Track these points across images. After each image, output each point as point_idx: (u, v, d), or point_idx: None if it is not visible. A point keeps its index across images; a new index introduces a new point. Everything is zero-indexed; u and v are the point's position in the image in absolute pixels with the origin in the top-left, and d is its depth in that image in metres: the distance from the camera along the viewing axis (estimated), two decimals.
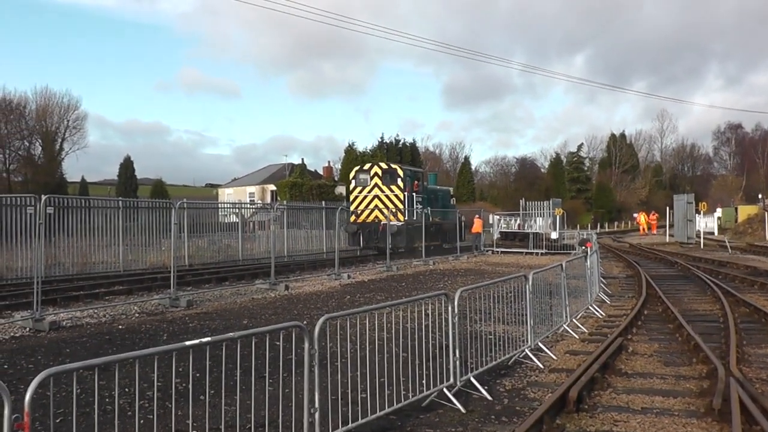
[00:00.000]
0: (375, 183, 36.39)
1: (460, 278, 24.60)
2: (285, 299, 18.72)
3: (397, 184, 35.82)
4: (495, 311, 10.93)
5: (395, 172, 36.29)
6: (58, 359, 10.93)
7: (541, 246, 39.70)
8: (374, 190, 36.33)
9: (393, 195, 35.70)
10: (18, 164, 66.98)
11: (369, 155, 75.02)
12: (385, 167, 36.74)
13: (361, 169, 37.96)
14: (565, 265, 13.85)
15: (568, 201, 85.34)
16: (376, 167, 36.89)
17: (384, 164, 37.24)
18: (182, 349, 5.55)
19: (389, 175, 36.23)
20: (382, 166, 36.96)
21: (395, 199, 35.59)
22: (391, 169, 36.53)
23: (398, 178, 35.96)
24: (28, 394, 4.40)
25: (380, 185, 36.17)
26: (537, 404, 8.26)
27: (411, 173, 37.57)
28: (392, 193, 35.73)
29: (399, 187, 35.71)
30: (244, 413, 6.65)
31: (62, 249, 24.90)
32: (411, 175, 37.22)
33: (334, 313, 7.09)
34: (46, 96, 71.11)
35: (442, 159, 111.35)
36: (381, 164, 37.29)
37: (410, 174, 37.20)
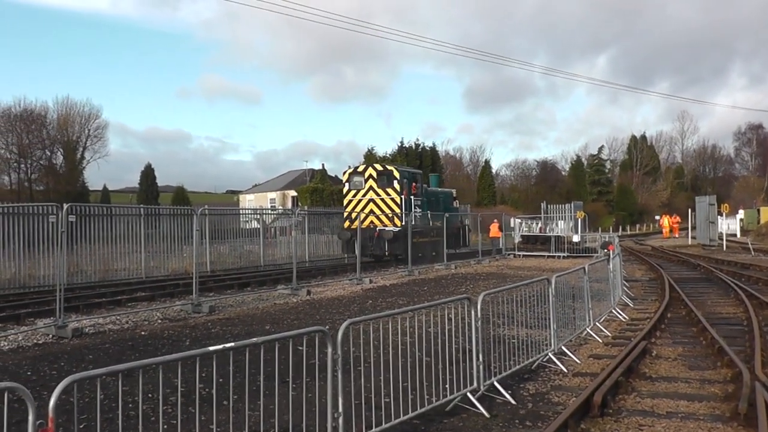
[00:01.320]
0: (370, 186, 34.06)
1: (482, 282, 24.53)
2: (307, 304, 18.75)
3: (393, 186, 33.56)
4: (517, 315, 10.87)
5: (391, 173, 33.90)
6: (81, 366, 10.96)
7: (563, 249, 39.56)
8: (369, 193, 34.03)
9: (389, 198, 33.45)
10: (39, 173, 67.46)
11: (389, 160, 74.98)
12: (380, 169, 34.30)
13: (355, 170, 35.38)
14: (588, 269, 13.77)
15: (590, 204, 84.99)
16: (371, 169, 34.55)
17: (379, 165, 34.80)
18: (206, 354, 5.55)
19: (385, 177, 33.90)
20: (377, 167, 34.52)
21: (391, 202, 33.35)
22: (387, 171, 34.11)
23: (394, 180, 33.63)
24: (52, 399, 4.41)
25: (375, 188, 33.89)
26: (561, 408, 8.21)
27: (408, 175, 35.13)
28: (388, 197, 33.51)
29: (395, 189, 33.46)
30: (267, 418, 6.64)
31: (84, 257, 25.03)
32: (408, 177, 34.79)
33: (357, 317, 7.06)
34: (67, 106, 71.71)
35: (463, 163, 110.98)
36: (376, 165, 34.89)
37: (407, 176, 34.82)
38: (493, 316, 10.98)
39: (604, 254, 24.86)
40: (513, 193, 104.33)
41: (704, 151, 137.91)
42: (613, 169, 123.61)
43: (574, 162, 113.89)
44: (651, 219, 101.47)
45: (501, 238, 42.37)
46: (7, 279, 22.46)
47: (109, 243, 26.11)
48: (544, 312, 11.26)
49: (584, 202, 59.44)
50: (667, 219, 69.65)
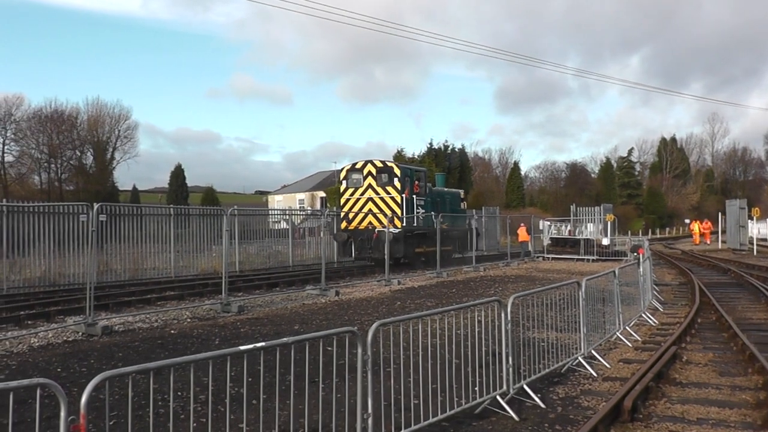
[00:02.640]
0: (369, 184, 31.95)
1: (511, 285, 24.42)
2: (335, 305, 18.75)
3: (393, 184, 31.47)
4: (547, 318, 10.80)
5: (391, 170, 31.74)
6: (111, 363, 11.03)
7: (592, 252, 39.26)
8: (368, 191, 31.91)
9: (389, 197, 31.37)
10: (70, 173, 68.20)
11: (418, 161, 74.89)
12: (379, 165, 31.96)
13: (353, 167, 33.00)
14: (618, 272, 13.65)
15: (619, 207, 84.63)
16: (370, 165, 32.10)
17: (379, 162, 32.26)
18: (236, 353, 5.56)
19: (385, 175, 31.80)
20: (377, 164, 32.08)
21: (391, 202, 31.27)
22: (387, 168, 31.88)
23: (395, 177, 31.51)
24: (84, 396, 4.44)
25: (374, 186, 31.75)
26: (591, 413, 8.13)
27: (410, 172, 32.79)
28: (388, 196, 31.41)
29: (396, 188, 31.37)
30: (296, 417, 6.64)
31: (114, 256, 25.26)
32: (410, 175, 32.53)
33: (386, 318, 7.05)
34: (98, 107, 72.53)
35: (491, 164, 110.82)
36: (375, 162, 32.26)
37: (409, 173, 32.56)
38: (523, 318, 10.92)
39: (633, 258, 24.68)
40: (542, 196, 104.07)
41: (734, 153, 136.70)
42: (642, 171, 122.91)
43: (603, 164, 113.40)
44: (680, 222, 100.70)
45: (530, 241, 42.18)
46: (38, 277, 22.71)
47: (138, 242, 26.35)
48: (574, 315, 11.17)
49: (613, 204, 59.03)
50: (697, 224, 68.83)
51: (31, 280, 22.54)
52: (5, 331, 14.42)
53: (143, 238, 26.58)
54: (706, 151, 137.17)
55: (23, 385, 4.55)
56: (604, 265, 30.92)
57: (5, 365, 11.10)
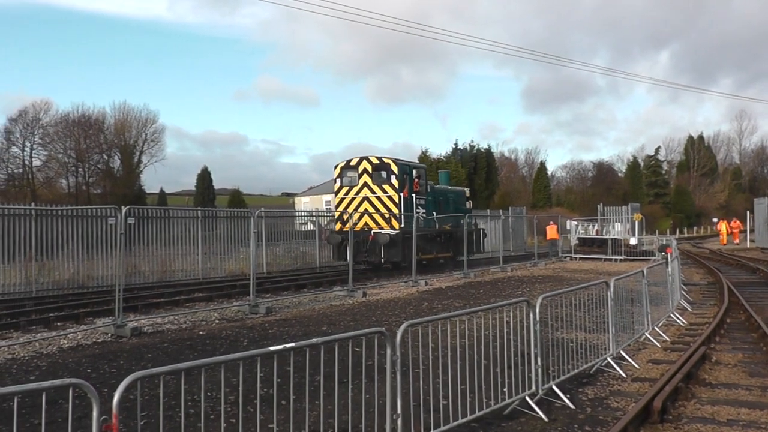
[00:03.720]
0: (364, 182, 29.82)
1: (539, 285, 24.34)
2: (363, 306, 18.78)
3: (390, 182, 29.24)
4: (575, 318, 10.75)
5: (388, 167, 29.52)
6: (140, 364, 11.11)
7: (620, 252, 39.02)
8: (363, 190, 29.78)
9: (386, 196, 29.20)
10: (97, 177, 68.75)
11: (443, 162, 74.77)
12: (375, 162, 29.76)
13: (348, 164, 30.70)
14: (646, 272, 13.57)
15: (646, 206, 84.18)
16: (365, 162, 29.91)
17: (375, 158, 29.91)
18: (266, 354, 5.58)
19: (381, 172, 29.79)
20: (373, 160, 29.81)
21: (388, 201, 29.10)
22: (383, 164, 29.69)
23: (392, 175, 29.26)
24: (116, 396, 4.47)
25: (370, 184, 29.67)
26: (620, 414, 8.09)
27: (409, 169, 30.31)
28: (385, 194, 29.23)
29: (393, 186, 29.14)
30: (326, 418, 6.65)
31: (142, 258, 25.46)
32: (409, 172, 30.18)
33: (414, 319, 7.05)
34: (125, 111, 73.19)
35: (518, 164, 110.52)
36: (371, 158, 29.93)
37: (408, 170, 30.16)
38: (551, 319, 10.88)
39: (661, 257, 24.52)
40: (569, 195, 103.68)
41: (762, 151, 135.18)
42: (669, 170, 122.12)
43: (630, 163, 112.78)
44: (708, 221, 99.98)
45: (559, 239, 42.03)
46: (67, 279, 22.96)
47: (166, 245, 26.53)
48: (602, 316, 11.12)
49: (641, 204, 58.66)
50: (724, 224, 67.98)
51: (60, 282, 22.77)
52: (35, 333, 14.58)
53: (171, 241, 26.78)
54: (733, 148, 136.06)
55: (56, 386, 4.60)
56: (631, 265, 30.76)
57: (35, 366, 11.22)
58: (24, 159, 65.18)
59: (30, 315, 16.57)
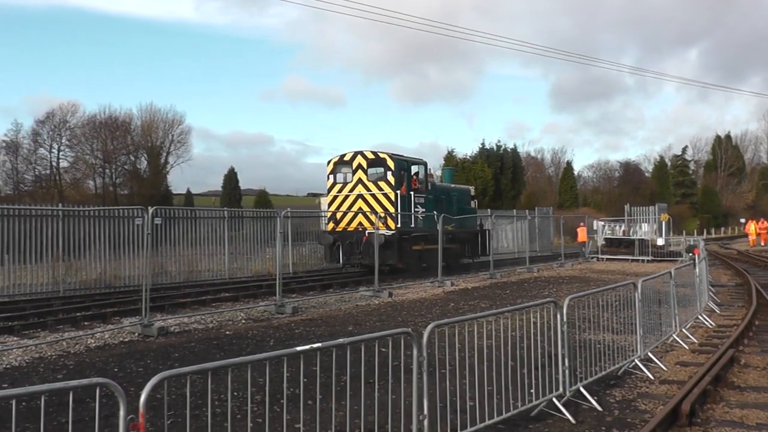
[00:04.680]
0: (358, 178, 27.90)
1: (565, 286, 24.23)
2: (389, 306, 18.77)
3: (386, 179, 27.25)
4: (602, 320, 10.69)
5: (384, 162, 27.47)
6: (167, 363, 11.17)
7: (647, 253, 38.74)
8: (357, 187, 27.85)
9: (381, 194, 27.19)
10: (124, 178, 69.19)
11: (469, 162, 74.53)
12: (371, 157, 27.74)
13: (341, 159, 28.71)
14: (674, 273, 13.46)
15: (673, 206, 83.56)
16: (360, 157, 27.88)
17: (370, 153, 27.90)
18: (293, 354, 5.59)
19: (376, 168, 27.92)
20: (368, 155, 27.82)
21: (384, 199, 27.10)
22: (379, 159, 27.61)
23: (388, 171, 27.30)
24: (143, 395, 4.50)
25: (365, 181, 27.69)
26: (648, 417, 8.03)
27: (407, 165, 28.26)
28: (380, 192, 27.22)
29: (389, 183, 27.13)
30: (352, 418, 6.64)
31: (169, 258, 25.62)
32: (407, 168, 28.22)
33: (441, 320, 7.02)
34: (151, 112, 73.50)
35: (544, 164, 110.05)
36: (366, 153, 27.93)
37: (406, 166, 28.16)
38: (578, 320, 10.82)
39: (689, 258, 24.33)
40: (595, 195, 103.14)
41: None
42: (697, 170, 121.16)
43: (657, 163, 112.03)
44: (736, 222, 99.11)
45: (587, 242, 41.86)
46: (94, 279, 23.13)
47: (192, 245, 26.65)
48: (630, 317, 11.04)
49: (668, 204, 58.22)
50: (753, 224, 67.18)
51: (88, 282, 22.94)
52: (62, 332, 14.71)
53: (197, 241, 26.91)
54: (761, 148, 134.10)
55: (83, 385, 4.63)
56: (659, 266, 30.55)
57: (63, 365, 11.31)
58: (51, 160, 65.65)
59: (57, 314, 16.70)
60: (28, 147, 64.73)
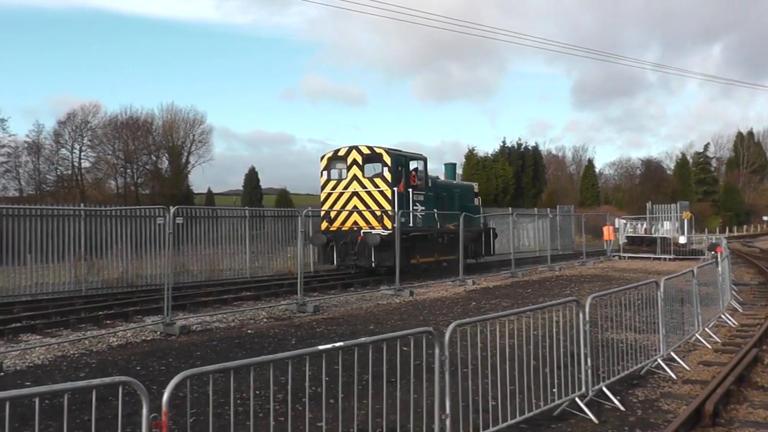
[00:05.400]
0: (353, 175, 26.43)
1: (587, 284, 24.15)
2: (410, 305, 18.76)
3: (382, 176, 25.77)
4: (624, 319, 10.63)
5: (380, 158, 25.95)
6: (189, 362, 11.22)
7: (669, 251, 38.55)
8: (352, 184, 26.39)
9: (377, 191, 25.75)
10: (145, 178, 69.52)
11: (490, 160, 74.32)
12: (366, 152, 26.26)
13: (336, 155, 27.19)
14: (696, 272, 13.36)
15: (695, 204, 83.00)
16: (355, 152, 26.42)
17: (365, 148, 26.36)
18: (315, 353, 5.59)
19: (372, 164, 26.48)
20: (363, 150, 26.31)
21: (380, 197, 25.69)
22: (375, 155, 26.12)
23: (384, 167, 25.80)
24: (166, 393, 4.52)
25: (360, 178, 26.26)
26: (671, 417, 7.97)
27: (405, 161, 26.72)
28: (376, 189, 25.77)
29: (385, 179, 25.66)
30: (374, 417, 6.64)
31: (190, 257, 25.72)
32: (404, 164, 26.66)
33: (463, 319, 7.01)
34: (172, 112, 73.89)
35: (565, 162, 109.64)
36: (361, 148, 26.40)
37: (403, 161, 26.59)
38: (600, 319, 10.77)
39: (711, 256, 24.16)
40: (617, 193, 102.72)
41: None
42: (719, 167, 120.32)
43: (679, 160, 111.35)
44: (758, 220, 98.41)
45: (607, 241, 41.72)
46: (116, 278, 23.31)
47: (214, 244, 26.75)
48: (652, 316, 10.98)
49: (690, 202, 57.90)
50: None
51: (110, 281, 23.12)
52: (85, 331, 14.81)
53: (219, 240, 27.01)
54: None
55: (105, 383, 4.68)
56: (681, 264, 30.39)
57: (85, 363, 11.39)
58: (73, 161, 66.13)
59: (80, 313, 16.82)
60: (50, 148, 65.30)
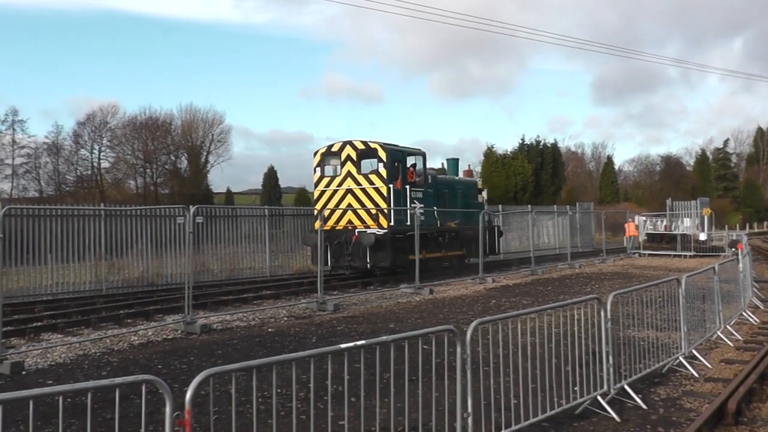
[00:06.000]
0: (348, 171, 25.12)
1: (607, 282, 24.06)
2: (430, 303, 18.76)
3: (378, 172, 24.45)
4: (646, 316, 10.58)
5: (375, 153, 24.66)
6: (210, 360, 11.27)
7: (689, 248, 38.34)
8: (347, 181, 25.12)
9: (372, 189, 24.43)
10: (164, 177, 69.82)
11: (509, 158, 74.05)
12: (361, 147, 24.93)
13: (329, 150, 25.87)
14: (718, 269, 13.29)
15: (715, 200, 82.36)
16: (349, 147, 25.09)
17: (360, 143, 25.04)
18: (337, 351, 5.61)
19: (367, 160, 25.28)
20: (358, 145, 24.98)
21: (375, 194, 24.35)
22: (370, 150, 24.83)
23: (380, 163, 24.49)
24: (189, 392, 4.56)
25: (354, 174, 24.92)
26: (694, 415, 7.93)
27: (402, 156, 25.48)
28: (371, 186, 24.46)
29: (381, 176, 24.32)
30: (395, 416, 6.65)
31: (210, 256, 25.81)
32: (402, 159, 25.45)
33: (483, 317, 7.00)
34: (191, 112, 74.06)
35: (584, 159, 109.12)
36: (356, 143, 25.10)
37: (400, 157, 25.40)
38: (622, 317, 10.73)
39: (732, 253, 24.02)
40: (636, 190, 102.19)
41: None
42: (738, 163, 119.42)
43: (699, 156, 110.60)
44: None
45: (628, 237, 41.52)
46: (136, 277, 23.41)
47: (233, 243, 26.82)
48: (673, 313, 10.93)
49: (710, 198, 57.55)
50: None
51: (130, 280, 23.23)
52: (106, 330, 14.89)
53: (238, 239, 27.07)
54: None
55: (128, 382, 4.72)
56: (701, 261, 30.23)
57: (107, 362, 11.47)
58: (92, 161, 66.61)
59: (100, 312, 16.91)
60: (70, 148, 65.84)
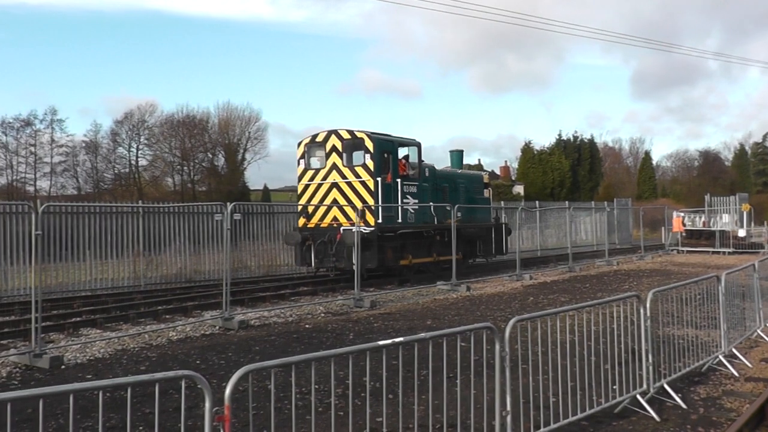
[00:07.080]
0: (333, 163, 22.92)
1: (646, 279, 23.85)
2: (467, 300, 18.72)
3: (364, 164, 22.19)
4: (685, 314, 10.46)
5: (361, 143, 22.29)
6: (248, 356, 11.36)
7: (728, 244, 37.83)
8: (332, 174, 22.95)
9: (358, 182, 22.23)
10: (202, 175, 70.22)
11: (546, 153, 73.50)
12: (347, 137, 22.67)
13: (313, 141, 23.69)
14: (758, 266, 13.10)
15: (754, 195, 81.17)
16: (334, 137, 22.85)
17: (346, 133, 22.77)
18: (375, 348, 5.62)
19: (354, 151, 23.17)
20: (343, 135, 22.72)
21: (362, 188, 22.15)
22: (356, 140, 22.49)
23: (367, 154, 22.15)
24: (228, 388, 4.59)
25: (340, 167, 22.73)
26: (734, 415, 7.83)
27: (391, 147, 22.96)
28: (358, 180, 22.24)
29: (368, 169, 22.05)
30: (433, 413, 6.65)
31: (248, 253, 25.98)
32: (392, 150, 22.98)
33: (521, 314, 6.98)
34: (228, 110, 74.23)
35: (622, 155, 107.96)
36: (341, 132, 22.82)
37: (390, 148, 22.90)
38: (661, 314, 10.63)
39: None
40: (674, 186, 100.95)
41: None
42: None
43: (737, 151, 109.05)
44: None
45: (674, 233, 41.09)
46: (174, 274, 23.65)
47: (271, 239, 26.96)
48: (712, 311, 10.81)
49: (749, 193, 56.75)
50: None
51: (168, 276, 23.49)
52: (144, 325, 15.08)
53: (276, 236, 27.18)
54: None
55: (168, 377, 4.75)
56: (740, 258, 29.88)
57: (145, 357, 11.61)
58: (130, 159, 67.15)
59: (139, 308, 17.13)
60: (108, 146, 66.39)
